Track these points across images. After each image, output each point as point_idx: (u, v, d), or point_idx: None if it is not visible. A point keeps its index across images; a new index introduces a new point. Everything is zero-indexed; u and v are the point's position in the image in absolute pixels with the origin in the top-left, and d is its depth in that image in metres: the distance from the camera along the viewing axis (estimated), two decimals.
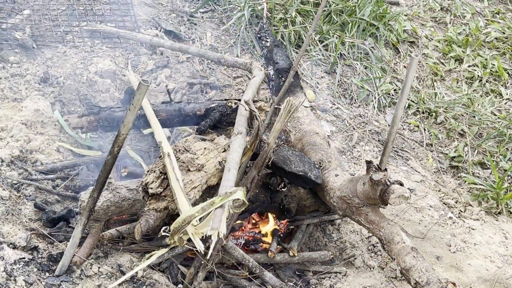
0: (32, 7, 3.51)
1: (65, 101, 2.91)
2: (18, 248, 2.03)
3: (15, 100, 2.79)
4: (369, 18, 3.92)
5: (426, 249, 2.62)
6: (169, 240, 1.84)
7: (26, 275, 1.93)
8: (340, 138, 3.30)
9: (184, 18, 3.85)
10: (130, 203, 2.11)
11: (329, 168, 2.36)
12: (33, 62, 3.10)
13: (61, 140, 2.66)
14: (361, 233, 2.65)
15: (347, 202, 2.16)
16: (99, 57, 3.25)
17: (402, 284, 2.41)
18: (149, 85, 1.62)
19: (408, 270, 1.91)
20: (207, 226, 1.80)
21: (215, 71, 3.49)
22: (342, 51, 3.79)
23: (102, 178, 1.83)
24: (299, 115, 2.68)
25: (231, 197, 1.74)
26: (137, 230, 2.06)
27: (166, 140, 2.24)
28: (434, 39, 4.25)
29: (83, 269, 2.02)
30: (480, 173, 3.30)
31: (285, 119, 2.14)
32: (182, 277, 2.20)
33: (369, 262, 2.51)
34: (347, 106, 3.54)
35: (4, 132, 2.56)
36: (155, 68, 3.36)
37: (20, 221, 2.16)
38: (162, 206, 2.06)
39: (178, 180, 2.03)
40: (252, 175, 2.21)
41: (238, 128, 2.20)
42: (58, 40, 3.32)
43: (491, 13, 4.71)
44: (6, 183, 2.30)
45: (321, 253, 2.45)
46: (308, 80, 3.58)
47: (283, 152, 2.31)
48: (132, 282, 2.06)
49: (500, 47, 4.30)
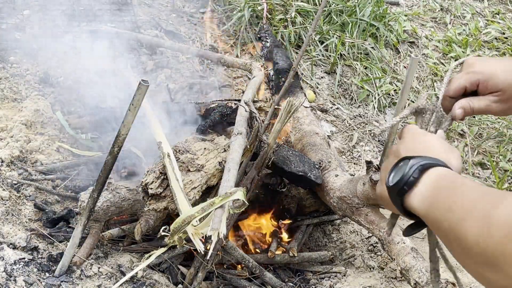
0: (32, 7, 3.51)
1: (65, 101, 2.91)
2: (18, 249, 2.03)
3: (15, 100, 2.79)
4: (369, 18, 3.92)
5: (426, 249, 2.61)
6: (169, 240, 1.84)
7: (26, 275, 1.93)
8: (340, 138, 3.30)
9: (184, 18, 3.85)
10: (130, 203, 2.11)
11: (329, 168, 2.36)
12: (33, 62, 3.10)
13: (61, 140, 2.66)
14: (361, 233, 2.65)
15: (347, 202, 2.16)
16: (98, 57, 3.24)
17: (402, 284, 2.41)
18: (149, 85, 1.62)
19: (408, 270, 1.91)
20: (207, 226, 1.80)
21: (215, 71, 3.49)
22: (342, 51, 3.79)
23: (102, 178, 1.83)
24: (299, 115, 2.68)
25: (231, 197, 1.74)
26: (137, 230, 2.07)
27: (166, 140, 2.24)
28: (434, 39, 4.25)
29: (83, 269, 2.02)
30: (480, 173, 3.30)
31: (285, 120, 2.14)
32: (182, 277, 2.20)
33: (369, 262, 2.51)
34: (347, 106, 3.54)
35: (4, 132, 2.56)
36: (155, 68, 3.36)
37: (20, 221, 2.16)
38: (162, 207, 2.06)
39: (178, 181, 2.03)
40: (252, 175, 2.21)
41: (238, 128, 2.20)
42: (58, 40, 3.32)
43: (491, 13, 4.71)
44: (6, 183, 2.30)
45: (321, 253, 2.45)
46: (308, 80, 3.57)
47: (283, 152, 2.31)
48: (132, 282, 2.06)
49: (500, 47, 4.30)
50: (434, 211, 0.89)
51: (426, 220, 0.93)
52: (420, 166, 0.93)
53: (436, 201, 0.89)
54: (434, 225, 0.90)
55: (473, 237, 0.79)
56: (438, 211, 0.88)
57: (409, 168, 0.94)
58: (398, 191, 0.95)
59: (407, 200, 0.95)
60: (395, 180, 0.96)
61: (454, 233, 0.83)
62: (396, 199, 0.97)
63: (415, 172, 0.93)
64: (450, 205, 0.85)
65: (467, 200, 0.83)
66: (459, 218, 0.82)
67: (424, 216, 0.92)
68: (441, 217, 0.86)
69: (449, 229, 0.84)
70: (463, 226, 0.81)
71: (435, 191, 0.90)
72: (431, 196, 0.90)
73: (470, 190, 0.85)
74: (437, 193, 0.89)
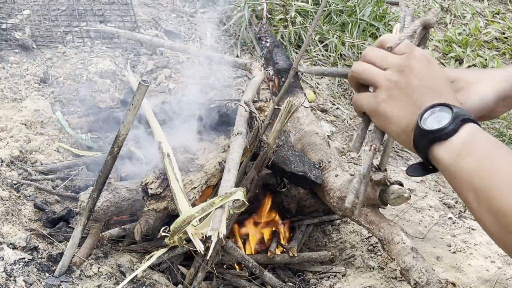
0: (32, 7, 3.51)
1: (65, 101, 2.91)
2: (18, 249, 2.03)
3: (15, 100, 2.79)
4: (369, 18, 3.92)
5: (426, 250, 2.62)
6: (169, 240, 1.84)
7: (26, 275, 1.93)
8: (340, 138, 3.30)
9: (184, 18, 3.85)
10: (130, 203, 2.11)
11: (329, 168, 2.36)
12: (33, 62, 3.10)
13: (61, 140, 2.66)
14: (361, 234, 2.65)
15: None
16: (99, 57, 3.25)
17: (402, 284, 2.41)
18: (149, 85, 1.62)
19: (408, 270, 1.91)
20: (207, 226, 1.80)
21: (215, 71, 3.48)
22: (342, 51, 3.79)
23: (102, 178, 1.83)
24: (299, 115, 2.68)
25: (231, 197, 1.74)
26: (137, 231, 2.07)
27: (165, 140, 2.24)
28: (434, 39, 4.25)
29: (83, 270, 2.02)
30: None
31: (285, 120, 2.14)
32: (182, 277, 2.20)
33: (369, 263, 2.51)
34: (347, 106, 3.54)
35: (4, 132, 2.56)
36: (155, 68, 3.36)
37: (20, 221, 2.16)
38: (162, 207, 2.06)
39: (178, 181, 2.03)
40: (252, 175, 2.21)
41: (238, 128, 2.20)
42: (58, 40, 3.32)
43: (491, 13, 4.71)
44: (6, 183, 2.30)
45: (321, 253, 2.45)
46: (308, 80, 3.57)
47: (283, 152, 2.31)
48: (132, 283, 2.06)
49: (500, 47, 4.31)
50: (465, 165, 0.89)
51: (447, 170, 0.93)
52: (463, 119, 0.93)
53: (470, 155, 0.90)
54: (458, 180, 0.91)
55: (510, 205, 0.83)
56: (468, 166, 0.89)
57: (453, 118, 0.93)
58: (433, 138, 0.94)
59: (436, 147, 0.94)
60: (434, 126, 0.94)
61: (485, 193, 0.86)
62: (425, 144, 0.96)
63: (457, 124, 0.92)
64: (487, 167, 0.88)
65: (505, 170, 0.87)
66: (496, 181, 0.86)
67: (448, 165, 0.92)
68: (472, 174, 0.88)
69: (480, 188, 0.87)
70: (501, 190, 0.85)
71: (472, 146, 0.91)
72: (465, 149, 0.91)
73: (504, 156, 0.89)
74: (473, 148, 0.91)
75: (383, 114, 1.02)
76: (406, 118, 0.99)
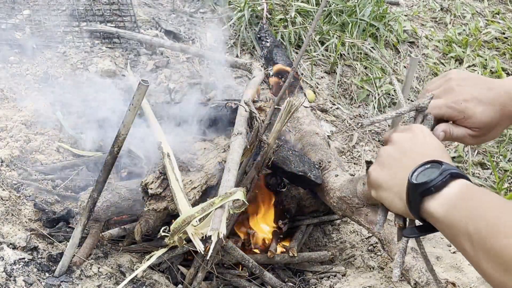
0: (32, 7, 3.51)
1: (65, 101, 2.91)
2: (18, 249, 2.03)
3: (15, 100, 2.79)
4: (369, 18, 3.92)
5: (426, 250, 2.61)
6: (169, 240, 1.84)
7: (26, 275, 1.93)
8: (340, 138, 3.30)
9: (184, 18, 3.85)
10: (130, 204, 2.11)
11: (329, 168, 2.36)
12: (33, 62, 3.09)
13: (61, 140, 2.66)
14: (361, 234, 2.65)
15: (347, 202, 2.16)
16: (99, 57, 3.24)
17: (402, 284, 2.41)
18: (149, 85, 1.62)
19: (408, 270, 1.91)
20: (207, 226, 1.80)
21: (215, 71, 3.48)
22: (342, 51, 3.79)
23: (102, 178, 1.83)
24: (299, 115, 2.68)
25: (231, 197, 1.74)
26: (137, 231, 2.07)
27: (165, 140, 2.24)
28: (434, 39, 4.25)
29: (83, 270, 2.02)
30: (480, 174, 3.30)
31: (285, 120, 2.14)
32: (182, 277, 2.20)
33: (369, 263, 2.51)
34: (347, 106, 3.54)
35: (4, 132, 2.56)
36: (155, 68, 3.36)
37: (20, 221, 2.16)
38: (162, 207, 2.06)
39: (178, 181, 2.03)
40: (252, 175, 2.21)
41: (238, 128, 2.20)
42: (58, 40, 3.32)
43: (491, 13, 4.71)
44: (6, 183, 2.30)
45: (321, 253, 2.45)
46: (308, 80, 3.57)
47: (283, 152, 2.31)
48: (132, 283, 2.06)
49: (500, 47, 4.30)
50: (458, 214, 0.93)
51: (441, 221, 0.97)
52: (451, 172, 0.98)
53: (464, 205, 0.94)
54: (452, 229, 0.94)
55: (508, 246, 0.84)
56: (461, 214, 0.93)
57: (440, 172, 0.98)
58: (423, 191, 0.99)
59: (428, 201, 0.99)
60: (423, 179, 0.99)
61: (479, 235, 0.88)
62: (416, 198, 1.00)
63: (446, 177, 0.97)
64: (479, 212, 0.91)
65: (497, 212, 0.89)
66: (491, 225, 0.87)
67: (442, 217, 0.96)
68: (466, 220, 0.91)
69: (474, 231, 0.89)
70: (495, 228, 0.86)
71: (462, 197, 0.95)
72: (458, 201, 0.95)
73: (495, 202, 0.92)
74: (466, 199, 0.95)
75: (374, 182, 1.10)
76: (398, 183, 1.06)
